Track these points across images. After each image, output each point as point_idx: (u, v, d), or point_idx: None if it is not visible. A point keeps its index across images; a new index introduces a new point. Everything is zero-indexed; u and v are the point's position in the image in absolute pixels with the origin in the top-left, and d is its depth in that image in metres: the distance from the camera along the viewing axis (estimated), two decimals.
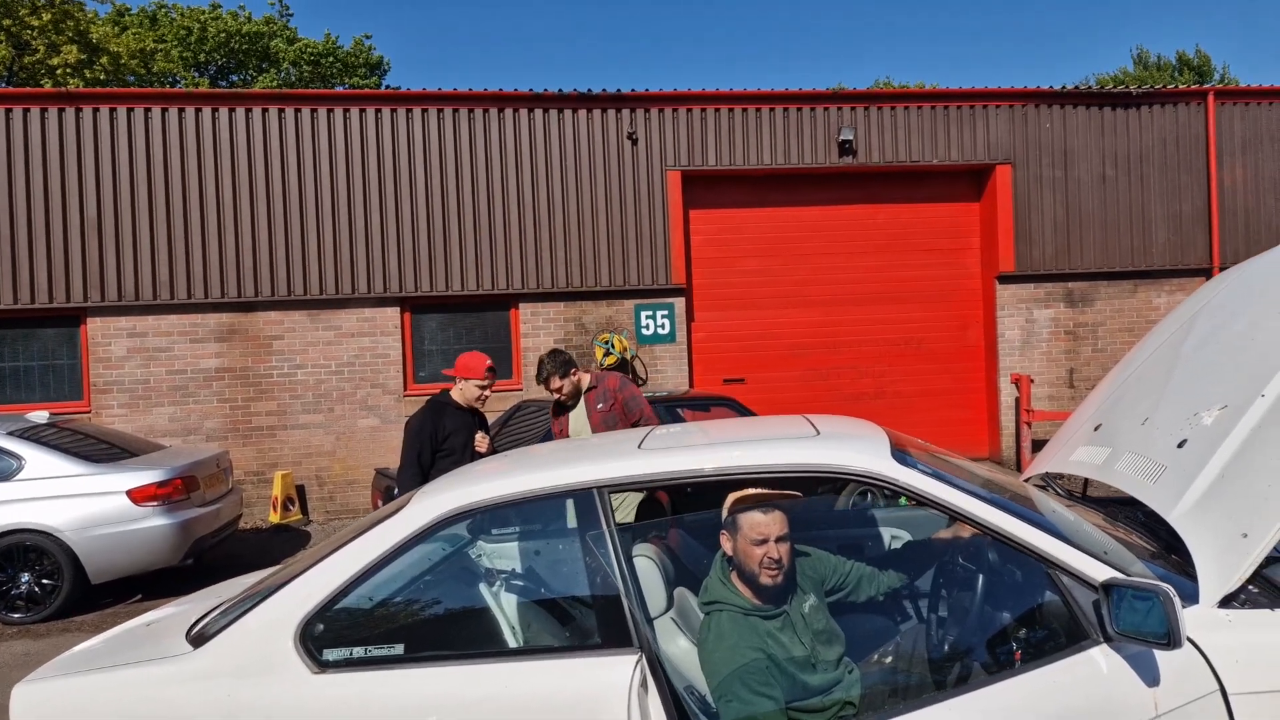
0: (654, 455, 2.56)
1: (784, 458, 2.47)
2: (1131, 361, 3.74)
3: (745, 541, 2.49)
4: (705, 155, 10.20)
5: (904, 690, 2.39)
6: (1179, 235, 10.82)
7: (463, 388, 5.03)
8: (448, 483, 2.72)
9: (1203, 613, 2.14)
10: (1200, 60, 28.29)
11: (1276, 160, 10.92)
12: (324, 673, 2.28)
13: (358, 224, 9.63)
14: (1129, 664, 2.03)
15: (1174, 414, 2.86)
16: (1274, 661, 2.08)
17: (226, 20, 24.52)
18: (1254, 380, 2.61)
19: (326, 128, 9.62)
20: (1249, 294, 3.23)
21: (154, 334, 9.35)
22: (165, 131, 9.34)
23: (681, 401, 7.34)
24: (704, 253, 10.60)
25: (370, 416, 9.70)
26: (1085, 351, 10.81)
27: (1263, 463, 2.33)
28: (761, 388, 10.58)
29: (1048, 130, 10.65)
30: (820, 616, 2.52)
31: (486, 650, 2.47)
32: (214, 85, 24.75)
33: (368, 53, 26.71)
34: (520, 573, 2.96)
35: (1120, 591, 2.00)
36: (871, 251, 10.87)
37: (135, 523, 6.34)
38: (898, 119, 10.48)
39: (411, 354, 9.91)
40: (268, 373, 9.55)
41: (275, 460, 9.59)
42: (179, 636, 2.54)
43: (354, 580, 2.40)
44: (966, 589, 2.56)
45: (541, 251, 9.91)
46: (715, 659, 2.39)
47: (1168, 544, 2.59)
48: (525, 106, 9.91)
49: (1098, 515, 2.93)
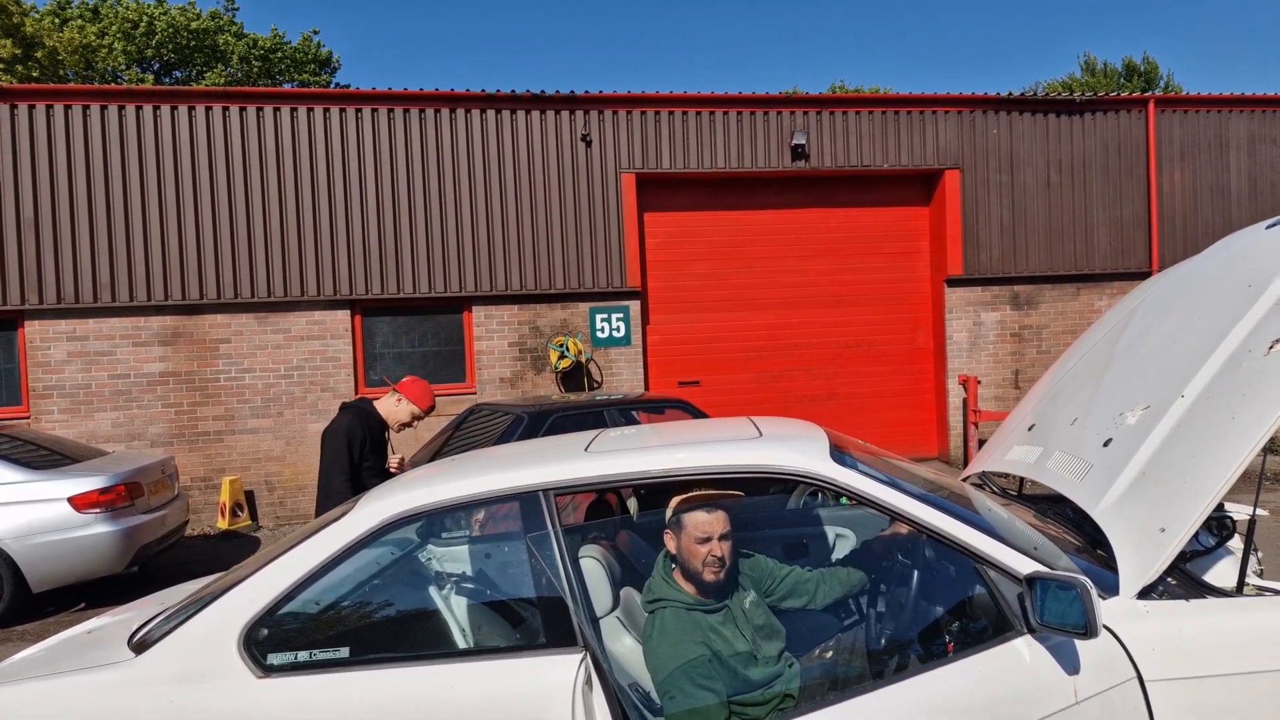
0: (600, 458, 2.60)
1: (726, 459, 2.53)
2: (1065, 363, 3.87)
3: (689, 540, 2.55)
4: (659, 158, 10.26)
5: (842, 681, 2.46)
6: (1120, 240, 11.16)
7: (399, 407, 4.75)
8: (395, 486, 2.73)
9: (1122, 604, 2.24)
10: (1147, 67, 29.07)
11: (1214, 166, 11.32)
12: (268, 677, 2.28)
13: (307, 225, 9.51)
14: (1051, 653, 2.13)
15: (1101, 414, 2.98)
16: (1188, 650, 2.18)
17: (173, 15, 23.99)
18: (1175, 382, 2.73)
19: (274, 126, 9.48)
20: (1176, 297, 3.37)
21: (95, 337, 9.13)
22: (106, 129, 9.13)
23: (636, 404, 7.39)
24: (659, 255, 10.66)
25: (321, 421, 9.57)
26: (1030, 353, 11.10)
27: (1180, 461, 2.44)
28: (716, 390, 10.67)
29: (995, 136, 10.92)
30: (761, 612, 2.59)
31: (432, 652, 2.48)
32: (159, 81, 24.20)
33: (316, 49, 26.33)
34: (470, 575, 2.97)
35: (1043, 584, 2.09)
36: (824, 255, 11.03)
37: (77, 530, 6.19)
38: (849, 124, 10.66)
39: (362, 357, 9.81)
40: (214, 376, 9.38)
41: (223, 465, 9.43)
42: (121, 644, 2.52)
43: (299, 584, 2.40)
44: (903, 584, 2.64)
45: (495, 254, 9.89)
46: (659, 655, 2.44)
47: (1093, 539, 2.70)
48: (478, 107, 9.87)
49: (1029, 512, 3.04)
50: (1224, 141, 11.31)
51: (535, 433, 6.28)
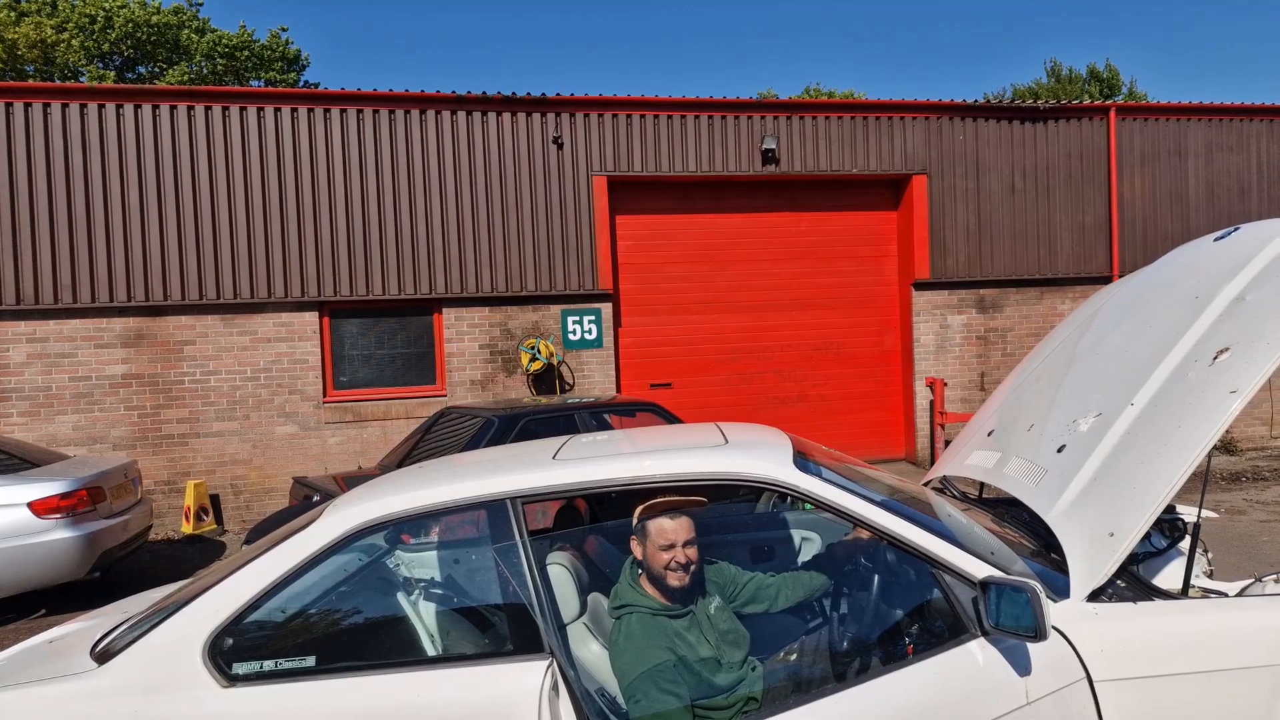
0: (568, 466, 2.62)
1: (692, 466, 2.57)
2: (1025, 368, 3.96)
3: (654, 547, 2.59)
4: (631, 161, 10.29)
5: (805, 684, 2.51)
6: (1082, 245, 11.38)
7: None
8: (363, 494, 2.73)
9: (1072, 606, 2.31)
10: (1110, 73, 29.62)
11: (1173, 173, 11.58)
12: (234, 687, 2.28)
13: (274, 226, 9.42)
14: (1003, 655, 2.19)
15: (1056, 420, 3.06)
16: (1136, 650, 2.26)
17: (134, 9, 23.57)
18: (1125, 389, 2.81)
19: (240, 126, 9.38)
20: (1128, 307, 3.47)
21: (56, 339, 8.98)
22: (67, 128, 8.98)
23: (608, 407, 7.41)
24: (631, 258, 10.70)
25: (288, 423, 9.50)
26: (995, 356, 11.28)
27: (1129, 467, 2.52)
28: (688, 392, 10.73)
29: (961, 142, 11.08)
30: (725, 617, 2.64)
31: (399, 660, 2.49)
32: (120, 78, 23.76)
33: (284, 46, 25.99)
34: (439, 581, 2.98)
35: (996, 588, 2.15)
36: (794, 258, 11.13)
37: (38, 535, 6.09)
38: (819, 129, 10.76)
39: (331, 359, 9.74)
40: (179, 379, 9.26)
41: (187, 469, 9.31)
42: (83, 653, 2.50)
43: (265, 593, 2.40)
44: (865, 588, 2.70)
45: (466, 255, 9.86)
46: (625, 660, 2.47)
47: (1048, 542, 2.77)
48: (449, 109, 9.84)
49: (988, 516, 3.11)
50: (1183, 149, 11.58)
51: (506, 436, 6.29)
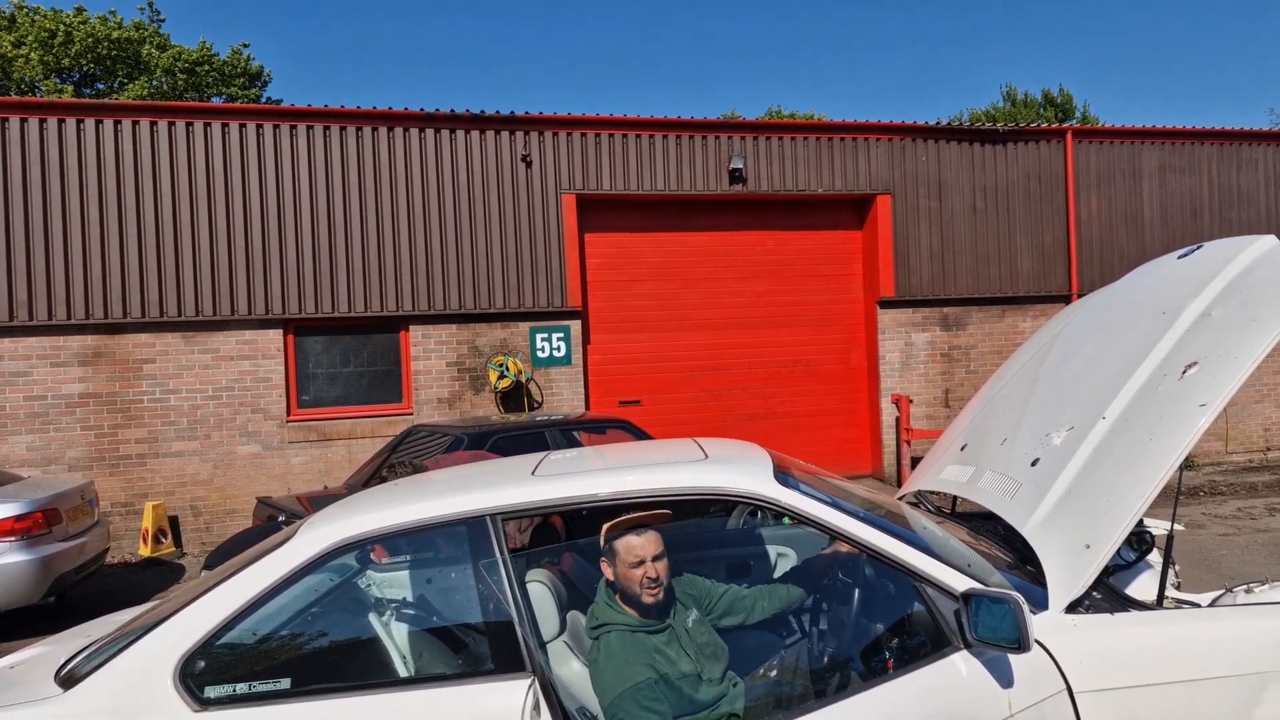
0: (547, 481, 2.60)
1: (674, 481, 2.56)
2: (995, 384, 4.02)
3: (624, 565, 2.58)
4: (600, 179, 10.32)
5: (786, 700, 2.50)
6: (1042, 264, 11.63)
7: None
8: (335, 513, 2.68)
9: (1051, 618, 2.33)
10: (1063, 98, 30.43)
11: (1128, 195, 11.89)
12: (205, 710, 2.22)
13: (237, 243, 9.28)
14: (986, 668, 2.20)
15: (1029, 434, 3.11)
16: (1114, 661, 2.28)
17: (93, 25, 23.20)
18: (1097, 403, 2.86)
19: (203, 142, 9.25)
20: (1096, 322, 3.54)
21: (10, 357, 8.73)
22: (25, 142, 8.78)
23: (578, 424, 7.38)
24: (599, 275, 10.70)
25: (251, 443, 9.32)
26: (959, 373, 11.44)
27: (1103, 480, 2.56)
28: (657, 409, 10.73)
29: (923, 163, 11.28)
30: (704, 630, 2.62)
31: (376, 680, 2.44)
32: (79, 93, 23.33)
33: (246, 62, 25.72)
34: (411, 601, 2.93)
35: (978, 600, 2.17)
36: (761, 276, 11.22)
37: None
38: (785, 149, 10.89)
39: (295, 377, 9.59)
40: (137, 398, 9.05)
41: (146, 490, 9.09)
42: (47, 679, 2.41)
43: (237, 615, 2.34)
44: (844, 602, 2.71)
45: (434, 273, 9.79)
46: (606, 678, 2.45)
47: (1023, 555, 2.81)
48: (416, 126, 9.80)
49: (962, 530, 3.14)
50: (1137, 171, 11.91)
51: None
